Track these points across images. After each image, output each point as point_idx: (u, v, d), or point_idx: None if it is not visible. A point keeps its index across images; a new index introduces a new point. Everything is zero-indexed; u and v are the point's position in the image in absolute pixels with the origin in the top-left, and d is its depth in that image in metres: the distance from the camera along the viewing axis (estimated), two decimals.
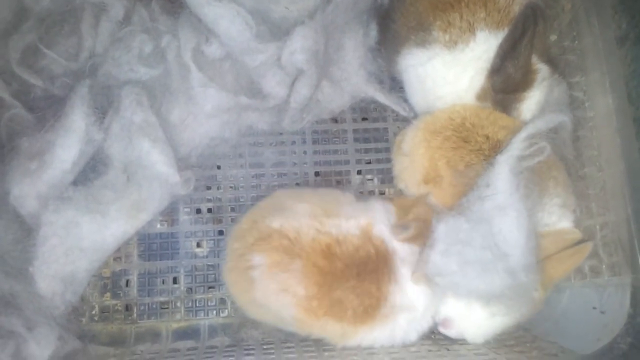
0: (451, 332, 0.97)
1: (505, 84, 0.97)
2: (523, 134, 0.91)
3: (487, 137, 0.97)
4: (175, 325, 1.09)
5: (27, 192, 0.99)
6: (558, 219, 0.97)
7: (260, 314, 0.98)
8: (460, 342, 0.99)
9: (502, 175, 0.88)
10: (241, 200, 1.16)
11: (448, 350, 0.97)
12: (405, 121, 1.20)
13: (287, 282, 0.89)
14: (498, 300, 0.87)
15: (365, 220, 0.94)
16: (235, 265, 0.95)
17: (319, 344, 0.98)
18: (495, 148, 0.95)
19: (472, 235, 0.85)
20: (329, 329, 0.92)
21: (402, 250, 0.92)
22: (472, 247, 0.84)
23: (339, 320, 0.90)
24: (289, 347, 1.00)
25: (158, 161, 1.02)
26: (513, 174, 0.88)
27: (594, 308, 0.98)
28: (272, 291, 0.90)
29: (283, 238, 0.91)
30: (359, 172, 1.20)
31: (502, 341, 0.99)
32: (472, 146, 0.98)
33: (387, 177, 1.19)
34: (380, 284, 0.90)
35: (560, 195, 0.98)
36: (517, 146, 0.90)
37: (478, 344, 0.98)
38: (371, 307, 0.90)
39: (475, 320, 0.95)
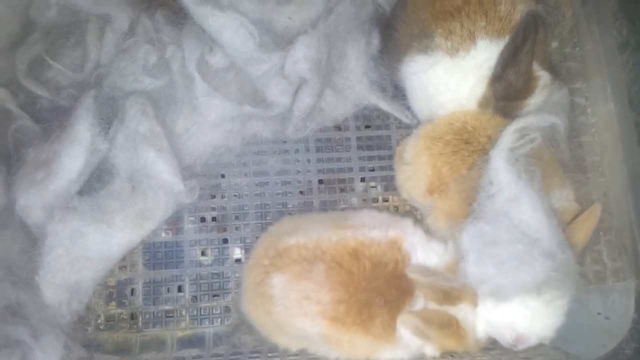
0: (531, 342, 0.92)
1: (506, 91, 0.98)
2: (513, 127, 0.92)
3: (490, 138, 0.98)
4: (180, 334, 1.09)
5: (33, 202, 1.00)
6: (557, 201, 0.97)
7: (284, 337, 0.95)
8: None
9: (500, 168, 0.88)
10: (245, 208, 1.16)
11: (452, 357, 0.96)
12: (408, 128, 1.20)
13: (310, 288, 0.88)
14: (547, 285, 0.85)
15: (395, 233, 0.94)
16: (254, 293, 0.93)
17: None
18: None
19: (496, 234, 0.85)
20: (358, 343, 0.90)
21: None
22: (501, 246, 0.84)
23: (367, 332, 0.89)
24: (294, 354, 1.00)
25: (163, 170, 1.02)
26: (510, 164, 0.88)
27: (599, 314, 0.98)
28: (294, 302, 0.88)
29: (301, 248, 0.90)
30: (362, 180, 1.21)
31: (506, 347, 0.98)
32: (475, 147, 0.98)
33: (391, 185, 1.19)
34: (406, 295, 0.89)
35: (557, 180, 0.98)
36: (507, 139, 0.90)
37: (478, 345, 0.96)
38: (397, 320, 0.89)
39: (539, 316, 0.91)
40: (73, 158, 1.02)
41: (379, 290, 0.89)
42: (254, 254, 0.97)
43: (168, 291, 1.11)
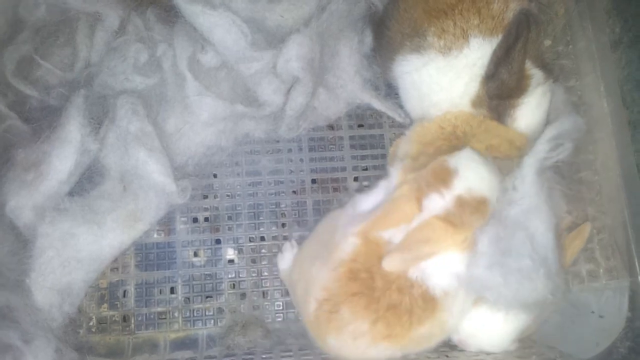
0: (470, 347, 0.95)
1: (499, 90, 0.97)
2: (548, 135, 0.91)
3: (480, 143, 0.97)
4: (173, 336, 1.08)
5: (23, 203, 0.99)
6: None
7: None
8: (459, 349, 0.99)
9: (529, 177, 0.88)
10: (238, 208, 1.16)
11: (447, 357, 0.96)
12: (402, 127, 1.20)
13: (351, 325, 0.86)
14: (540, 306, 0.86)
15: (359, 227, 0.90)
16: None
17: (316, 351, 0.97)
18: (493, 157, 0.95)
19: (510, 244, 0.84)
20: (421, 341, 0.90)
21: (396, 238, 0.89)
22: (512, 257, 0.83)
23: (421, 324, 0.87)
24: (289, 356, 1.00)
25: (154, 171, 1.01)
26: (538, 174, 0.88)
27: (593, 312, 0.98)
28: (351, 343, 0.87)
29: (321, 303, 0.88)
30: (355, 179, 1.20)
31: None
32: None
33: None
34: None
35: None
36: (543, 148, 0.90)
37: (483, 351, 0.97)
38: (426, 294, 0.87)
39: (492, 328, 0.93)
40: (63, 158, 1.01)
41: (387, 285, 0.86)
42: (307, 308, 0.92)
43: (160, 293, 1.10)
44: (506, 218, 0.86)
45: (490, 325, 0.92)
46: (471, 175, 0.87)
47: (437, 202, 0.86)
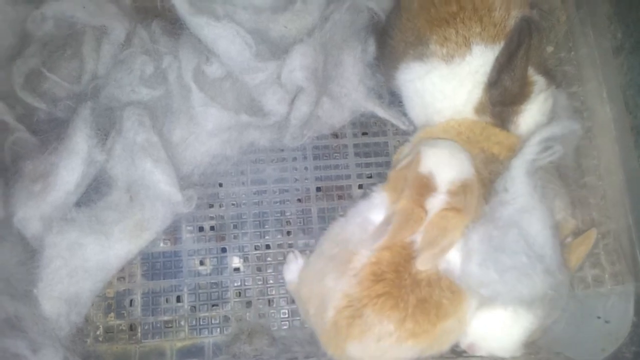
0: (479, 350, 0.95)
1: (502, 97, 0.98)
2: (537, 138, 0.92)
3: (483, 150, 0.98)
4: (179, 344, 1.09)
5: (31, 214, 1.00)
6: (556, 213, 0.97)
7: None
8: (466, 355, 0.99)
9: (519, 178, 0.88)
10: (243, 217, 1.16)
11: (447, 358, 0.96)
12: (405, 135, 1.21)
13: (376, 327, 0.86)
14: (542, 302, 0.86)
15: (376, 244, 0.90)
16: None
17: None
18: (489, 162, 0.96)
19: (503, 241, 0.85)
20: (449, 337, 0.90)
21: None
22: (506, 254, 0.84)
23: (448, 316, 0.88)
24: None
25: (160, 181, 1.02)
26: (529, 175, 0.88)
27: (598, 317, 0.98)
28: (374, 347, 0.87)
29: (340, 311, 0.88)
30: (360, 187, 1.21)
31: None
32: None
33: None
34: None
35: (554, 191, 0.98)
36: (531, 150, 0.90)
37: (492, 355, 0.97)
38: (453, 285, 0.87)
39: (501, 330, 0.93)
40: (70, 170, 1.02)
41: (418, 282, 0.87)
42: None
43: (167, 301, 1.11)
44: (499, 218, 0.87)
45: (500, 327, 0.92)
46: (444, 170, 0.90)
47: (436, 203, 0.89)
